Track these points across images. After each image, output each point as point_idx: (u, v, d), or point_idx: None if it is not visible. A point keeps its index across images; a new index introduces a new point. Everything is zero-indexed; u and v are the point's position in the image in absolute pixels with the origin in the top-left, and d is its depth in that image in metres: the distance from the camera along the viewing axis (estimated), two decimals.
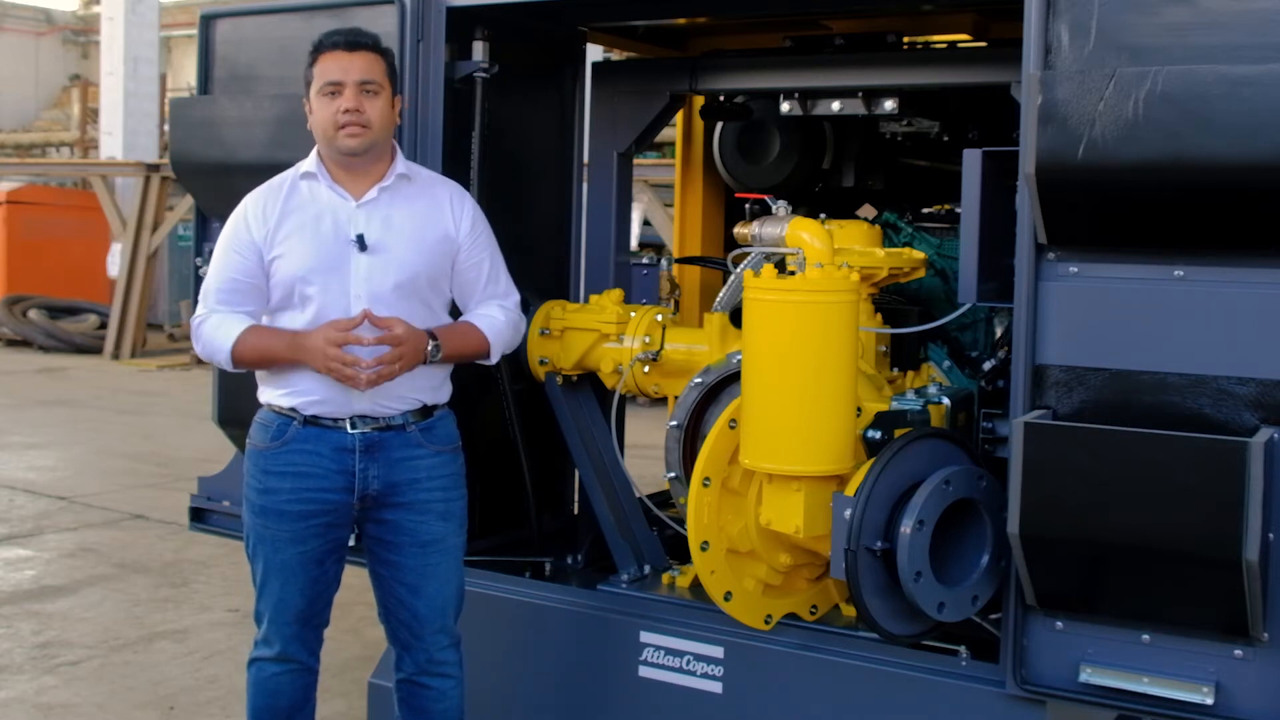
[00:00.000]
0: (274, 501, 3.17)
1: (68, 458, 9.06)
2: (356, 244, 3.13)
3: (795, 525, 3.21)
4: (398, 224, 3.18)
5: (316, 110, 3.16)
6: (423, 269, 3.20)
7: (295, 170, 3.24)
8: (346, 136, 3.12)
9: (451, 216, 3.27)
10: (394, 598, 3.29)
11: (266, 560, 3.20)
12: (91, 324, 15.39)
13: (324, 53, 3.15)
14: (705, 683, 3.50)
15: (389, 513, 3.22)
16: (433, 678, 3.32)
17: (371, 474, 3.18)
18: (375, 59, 3.17)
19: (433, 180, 3.35)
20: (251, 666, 3.29)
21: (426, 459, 3.24)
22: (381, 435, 3.18)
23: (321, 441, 3.16)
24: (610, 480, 4.01)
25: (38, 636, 5.27)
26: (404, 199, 3.22)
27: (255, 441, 3.23)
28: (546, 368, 4.03)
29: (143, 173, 14.63)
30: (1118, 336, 2.86)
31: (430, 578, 3.26)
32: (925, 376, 3.81)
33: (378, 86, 3.15)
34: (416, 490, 3.22)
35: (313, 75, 3.17)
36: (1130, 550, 2.81)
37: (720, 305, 3.85)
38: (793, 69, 4.09)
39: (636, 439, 4.95)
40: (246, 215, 3.19)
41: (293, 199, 3.18)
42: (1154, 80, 2.67)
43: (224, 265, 3.19)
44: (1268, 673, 2.79)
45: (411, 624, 3.29)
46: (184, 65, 25.93)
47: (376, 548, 3.28)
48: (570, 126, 4.51)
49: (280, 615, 3.22)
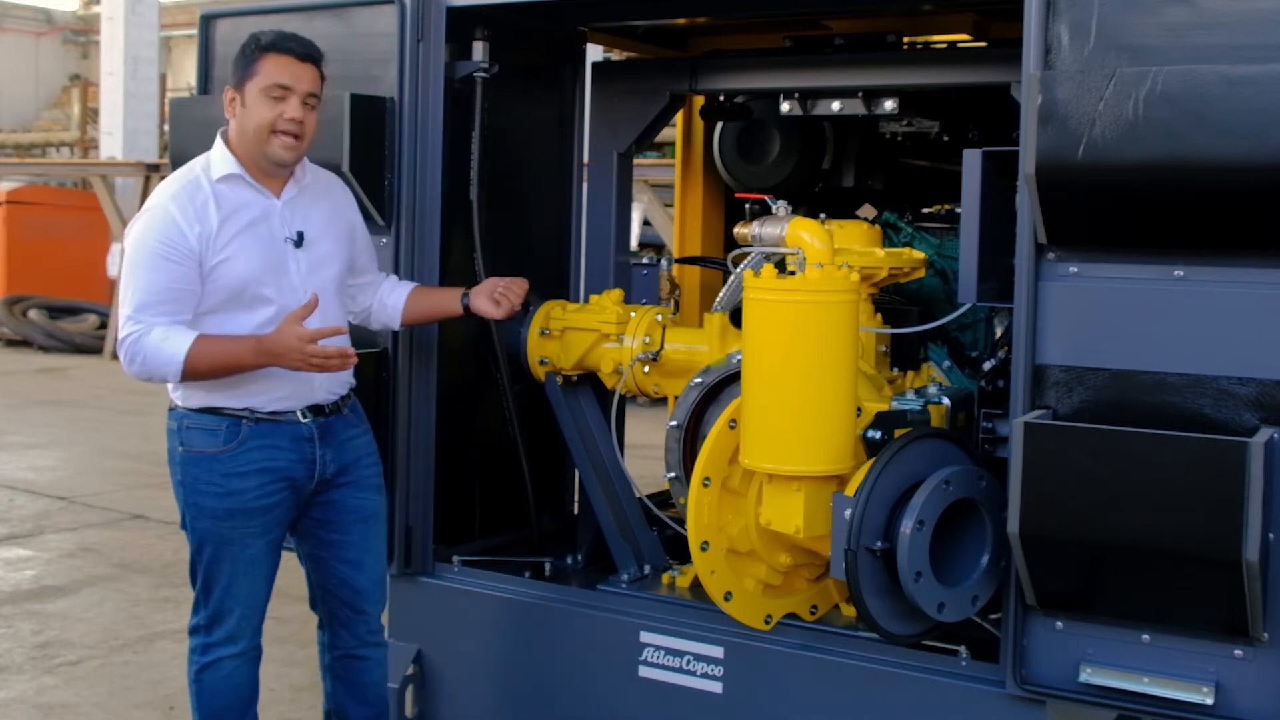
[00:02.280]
0: (240, 502, 3.20)
1: (68, 458, 9.06)
2: (294, 241, 3.22)
3: (795, 525, 3.21)
4: (316, 219, 3.31)
5: (254, 108, 3.14)
6: (344, 258, 3.37)
7: (205, 172, 3.16)
8: (282, 148, 3.15)
9: (349, 207, 3.46)
10: (335, 577, 3.41)
11: (235, 559, 3.23)
12: (91, 324, 15.39)
13: (275, 53, 3.15)
14: (705, 683, 3.50)
15: (335, 493, 3.35)
16: (369, 648, 3.48)
17: (328, 458, 3.30)
18: (319, 75, 3.25)
19: (324, 174, 3.44)
20: (205, 672, 3.27)
21: (362, 436, 3.42)
22: (329, 420, 3.31)
23: (278, 435, 3.22)
24: (610, 480, 4.00)
25: (38, 636, 5.28)
26: (313, 195, 3.33)
27: (202, 448, 3.19)
28: (546, 368, 4.03)
29: (143, 173, 14.63)
30: (1118, 336, 2.87)
31: (370, 551, 3.42)
32: (925, 376, 3.81)
33: (316, 101, 3.24)
34: (360, 468, 3.39)
35: (256, 71, 3.14)
36: (1130, 550, 2.81)
37: (720, 305, 3.85)
38: (793, 69, 4.09)
39: (636, 439, 4.95)
40: (177, 221, 3.06)
41: (225, 203, 3.14)
42: (1154, 80, 2.67)
43: (157, 276, 3.05)
44: (1268, 673, 2.79)
45: (353, 600, 3.43)
46: (184, 65, 25.95)
47: (318, 529, 3.38)
48: (570, 126, 4.51)
49: (252, 609, 3.29)
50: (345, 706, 3.51)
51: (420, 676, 3.96)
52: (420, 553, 3.88)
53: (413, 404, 3.81)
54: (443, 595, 3.92)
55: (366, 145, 3.66)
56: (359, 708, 3.50)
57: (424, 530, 3.88)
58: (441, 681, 3.94)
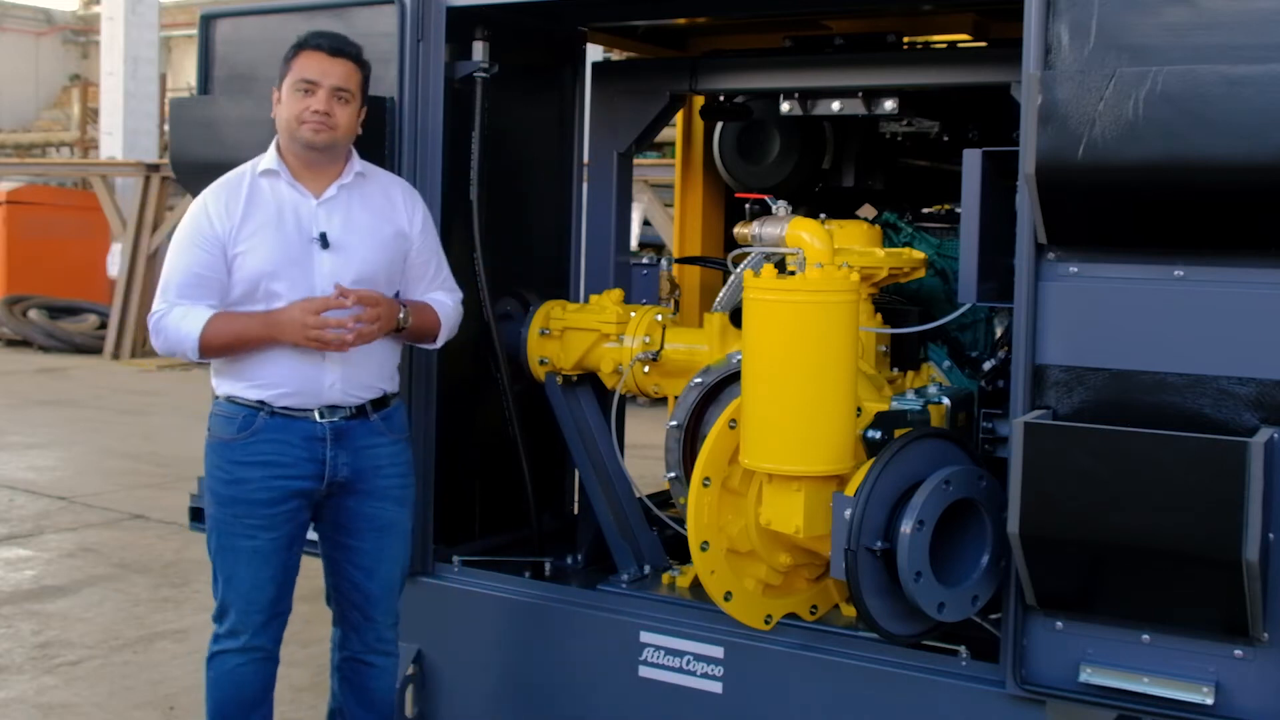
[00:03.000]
0: (244, 491, 3.22)
1: (68, 458, 9.06)
2: (319, 241, 3.21)
3: (795, 525, 3.21)
4: (357, 221, 3.28)
5: (285, 103, 3.23)
6: (381, 265, 3.31)
7: (253, 166, 3.29)
8: (311, 130, 3.19)
9: (405, 214, 3.39)
10: (348, 580, 3.41)
11: (237, 550, 3.25)
12: (91, 324, 15.38)
13: (306, 50, 3.22)
14: (705, 683, 3.50)
15: (351, 499, 3.33)
16: (377, 655, 3.47)
17: (340, 461, 3.28)
18: (354, 69, 3.25)
19: (386, 179, 3.44)
20: (213, 662, 3.33)
21: (387, 446, 3.36)
22: (348, 424, 3.29)
23: (291, 431, 3.23)
24: (610, 480, 4.01)
25: (38, 636, 5.27)
26: (361, 197, 3.31)
27: (220, 434, 3.27)
28: (546, 368, 4.03)
29: (143, 173, 14.63)
30: (1118, 336, 2.87)
31: (384, 560, 3.41)
32: (925, 376, 3.81)
33: (350, 95, 3.24)
34: (379, 476, 3.35)
35: (290, 69, 3.23)
36: (1130, 550, 2.81)
37: (720, 305, 3.85)
38: (793, 69, 4.09)
39: (636, 439, 4.95)
40: (208, 210, 3.21)
41: (254, 196, 3.23)
42: (1154, 80, 2.67)
43: (186, 260, 3.20)
44: (1268, 673, 2.79)
45: (363, 605, 3.42)
46: (184, 65, 25.95)
47: (333, 532, 3.39)
48: (570, 126, 4.51)
49: (251, 605, 3.27)
50: (349, 709, 3.51)
51: (420, 676, 3.96)
52: (420, 553, 3.88)
53: (413, 404, 3.80)
54: (443, 595, 3.92)
55: (367, 145, 3.66)
56: (362, 712, 3.50)
57: (424, 530, 3.88)
58: (441, 681, 3.95)
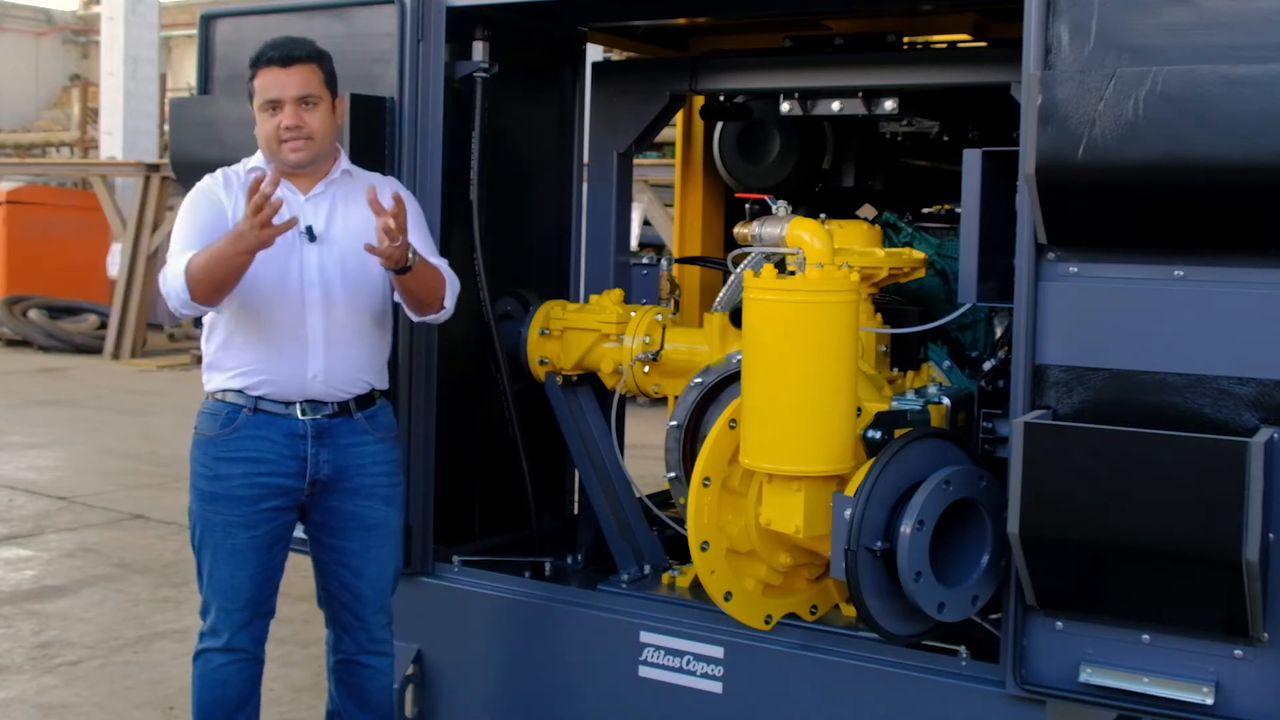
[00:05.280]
0: (225, 487, 3.23)
1: (68, 458, 9.06)
2: (306, 235, 3.23)
3: (795, 525, 3.20)
4: (343, 217, 3.30)
5: (258, 122, 3.26)
6: (367, 259, 3.25)
7: (243, 166, 3.33)
8: (290, 151, 3.22)
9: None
10: (337, 581, 3.41)
11: (216, 547, 3.26)
12: (91, 324, 15.38)
13: (260, 68, 3.23)
14: (705, 683, 3.50)
15: (334, 498, 3.34)
16: (371, 656, 3.47)
17: (323, 459, 3.28)
18: (311, 70, 3.23)
19: (374, 178, 3.41)
20: (198, 659, 3.34)
21: (372, 445, 3.36)
22: (330, 421, 3.30)
23: (273, 428, 3.24)
24: (610, 480, 4.01)
25: (38, 636, 5.28)
26: (347, 193, 3.33)
27: (203, 431, 3.29)
28: (546, 368, 4.03)
29: (143, 173, 14.62)
30: (1118, 336, 2.87)
31: (372, 560, 3.40)
32: (925, 376, 3.81)
33: (316, 98, 3.23)
34: (363, 475, 3.34)
35: (253, 89, 3.25)
36: (1130, 550, 2.81)
37: (720, 305, 3.85)
38: (793, 69, 4.09)
39: (636, 439, 4.95)
40: (210, 184, 3.28)
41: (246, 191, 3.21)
42: (1154, 80, 2.67)
43: (193, 218, 3.22)
44: (1268, 673, 2.79)
45: (354, 605, 3.42)
46: (184, 65, 25.93)
47: (321, 533, 3.39)
48: (570, 126, 4.51)
49: (230, 603, 3.28)
50: (347, 711, 3.51)
51: (420, 676, 3.96)
52: (420, 553, 3.88)
53: (412, 404, 3.80)
54: (443, 595, 3.92)
55: (366, 145, 3.66)
56: (360, 714, 3.50)
57: (424, 530, 3.88)
58: (441, 681, 3.95)
